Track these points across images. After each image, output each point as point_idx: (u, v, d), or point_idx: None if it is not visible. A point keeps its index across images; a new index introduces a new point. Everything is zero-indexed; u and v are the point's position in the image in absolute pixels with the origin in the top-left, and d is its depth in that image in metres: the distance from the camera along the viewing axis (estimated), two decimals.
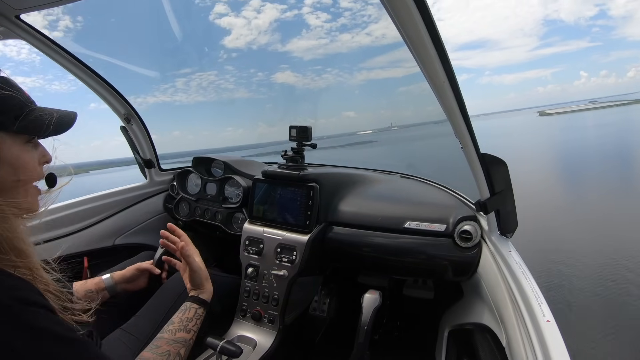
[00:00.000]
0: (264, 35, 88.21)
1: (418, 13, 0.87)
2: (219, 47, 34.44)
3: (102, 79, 2.15)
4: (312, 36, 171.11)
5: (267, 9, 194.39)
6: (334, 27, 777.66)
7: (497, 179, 1.43)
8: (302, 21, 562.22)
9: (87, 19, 2.04)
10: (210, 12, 56.20)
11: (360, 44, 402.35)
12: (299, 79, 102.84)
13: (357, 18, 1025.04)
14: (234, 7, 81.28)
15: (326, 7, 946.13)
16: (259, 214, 2.05)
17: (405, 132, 7.58)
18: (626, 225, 9.22)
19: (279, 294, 1.90)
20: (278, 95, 19.94)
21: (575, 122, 21.61)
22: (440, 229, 1.75)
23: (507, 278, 1.36)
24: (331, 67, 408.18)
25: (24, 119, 0.83)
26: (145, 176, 2.74)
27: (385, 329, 2.47)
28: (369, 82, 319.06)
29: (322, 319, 2.25)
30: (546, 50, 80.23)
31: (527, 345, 1.08)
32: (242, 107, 8.92)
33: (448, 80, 1.07)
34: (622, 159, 19.55)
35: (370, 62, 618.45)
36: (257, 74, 11.73)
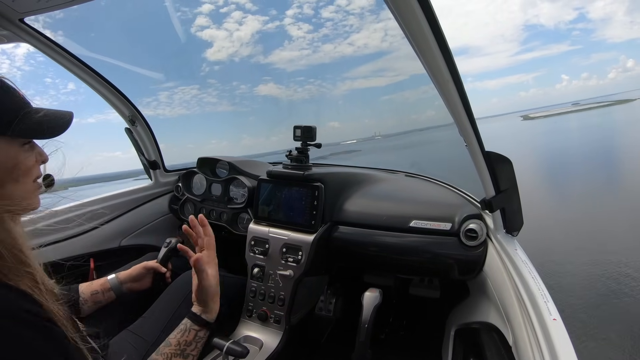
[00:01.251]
0: (246, 47, 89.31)
1: (422, 13, 0.87)
2: (201, 59, 34.46)
3: (107, 80, 2.16)
4: (295, 47, 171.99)
5: (248, 20, 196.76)
6: (316, 38, 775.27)
7: (502, 177, 1.43)
8: (284, 32, 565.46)
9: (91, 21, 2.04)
10: (192, 24, 56.42)
11: (342, 54, 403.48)
12: (282, 90, 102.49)
13: (339, 28, 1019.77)
14: (216, 20, 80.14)
15: (308, 18, 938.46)
16: (264, 214, 2.05)
17: (388, 142, 7.64)
18: (610, 223, 9.31)
19: (285, 294, 1.90)
20: (261, 107, 20.01)
21: (560, 125, 21.59)
22: (445, 227, 1.75)
23: (513, 276, 1.36)
24: (314, 77, 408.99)
25: (19, 123, 0.83)
26: (150, 177, 2.74)
27: (391, 328, 2.46)
28: (353, 92, 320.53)
29: (329, 319, 2.24)
30: (527, 55, 79.24)
31: (533, 344, 1.08)
32: (226, 120, 8.96)
33: (452, 79, 1.07)
34: (606, 158, 19.50)
35: (353, 72, 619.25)
36: (239, 86, 11.69)
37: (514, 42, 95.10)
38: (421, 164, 2.77)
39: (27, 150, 0.89)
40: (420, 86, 79.80)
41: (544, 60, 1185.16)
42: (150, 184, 2.74)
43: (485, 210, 1.67)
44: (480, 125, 1.27)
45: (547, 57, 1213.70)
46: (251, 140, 13.56)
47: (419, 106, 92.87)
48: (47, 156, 0.96)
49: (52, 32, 1.77)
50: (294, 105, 25.62)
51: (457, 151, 1.49)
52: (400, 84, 68.83)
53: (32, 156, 0.91)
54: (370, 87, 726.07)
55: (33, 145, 0.91)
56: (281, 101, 21.29)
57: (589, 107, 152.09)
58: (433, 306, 2.33)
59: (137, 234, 2.58)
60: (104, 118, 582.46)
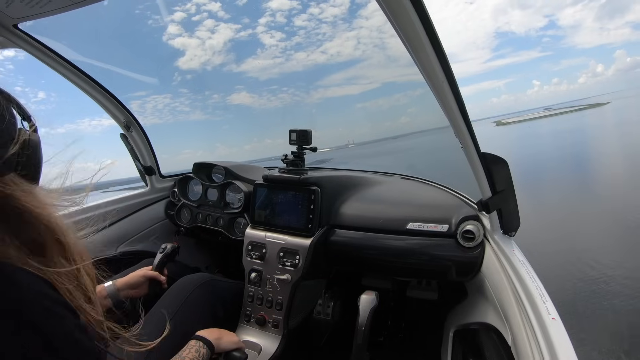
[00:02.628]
0: (219, 56, 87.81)
1: (416, 15, 0.87)
2: (173, 68, 34.36)
3: (101, 86, 2.15)
4: (267, 55, 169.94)
5: (221, 28, 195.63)
6: (289, 46, 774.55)
7: (498, 178, 1.43)
8: (256, 41, 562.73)
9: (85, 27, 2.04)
10: (164, 32, 56.10)
11: (316, 62, 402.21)
12: (255, 99, 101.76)
13: (312, 36, 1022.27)
14: (188, 28, 78.89)
15: (280, 26, 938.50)
16: (260, 218, 2.05)
17: (361, 149, 7.73)
18: (583, 225, 9.48)
19: (282, 298, 1.89)
20: (235, 116, 20.00)
21: (533, 130, 21.58)
22: (442, 229, 1.75)
23: (511, 277, 1.36)
24: (287, 86, 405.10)
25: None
26: (146, 183, 2.73)
27: (390, 330, 2.46)
28: (326, 100, 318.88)
29: (327, 323, 2.24)
30: (499, 61, 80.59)
31: (532, 343, 1.08)
32: (200, 129, 8.95)
33: (447, 81, 1.07)
34: (578, 164, 19.66)
35: (326, 80, 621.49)
36: (212, 95, 11.57)
37: (486, 49, 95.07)
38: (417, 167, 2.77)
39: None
40: (393, 94, 78.66)
41: (516, 67, 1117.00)
42: (146, 189, 2.73)
43: (482, 212, 1.67)
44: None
45: (518, 63, 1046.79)
46: (226, 149, 13.45)
47: (392, 113, 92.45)
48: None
49: (46, 38, 1.77)
50: (267, 114, 25.65)
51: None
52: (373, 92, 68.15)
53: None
54: (343, 95, 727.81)
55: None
56: (254, 110, 21.36)
57: (561, 112, 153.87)
58: (431, 308, 2.33)
59: (133, 240, 2.56)
60: (75, 128, 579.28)
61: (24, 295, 0.68)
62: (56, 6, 1.39)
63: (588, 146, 27.76)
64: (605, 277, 6.46)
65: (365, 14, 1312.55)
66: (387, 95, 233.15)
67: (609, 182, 14.66)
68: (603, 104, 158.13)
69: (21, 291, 0.69)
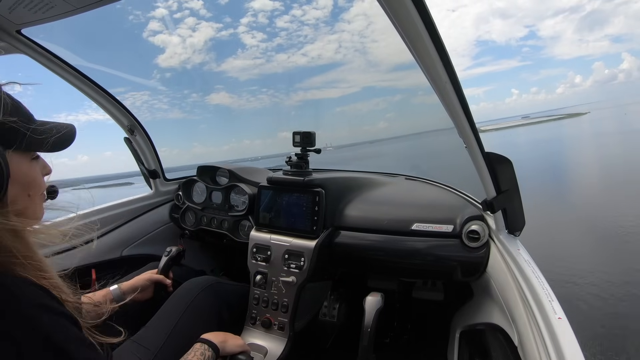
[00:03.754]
0: (199, 55, 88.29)
1: (419, 17, 0.87)
2: (153, 65, 34.30)
3: (105, 90, 2.16)
4: (248, 56, 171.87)
5: (202, 27, 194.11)
6: (270, 47, 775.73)
7: (503, 177, 1.43)
8: (237, 40, 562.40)
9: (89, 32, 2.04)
10: (144, 29, 55.58)
11: (296, 64, 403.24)
12: (234, 99, 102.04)
13: (293, 38, 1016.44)
14: (169, 25, 77.90)
15: (262, 27, 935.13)
16: (265, 221, 2.05)
17: (340, 152, 7.79)
18: (558, 234, 9.51)
19: (288, 300, 1.89)
20: (213, 116, 19.79)
21: (510, 139, 21.13)
22: (447, 229, 1.75)
23: (516, 276, 1.36)
24: (267, 87, 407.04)
25: (30, 137, 0.83)
26: (150, 187, 2.74)
27: (395, 332, 2.46)
28: (305, 102, 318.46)
29: (333, 325, 2.24)
30: (479, 69, 79.18)
31: (539, 343, 1.07)
32: (177, 127, 8.82)
33: (450, 81, 1.07)
34: (555, 171, 19.61)
35: (306, 83, 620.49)
36: (191, 94, 11.50)
37: (467, 56, 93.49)
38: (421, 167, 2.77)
39: (35, 163, 0.89)
40: (373, 99, 78.83)
41: (495, 75, 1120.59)
42: (150, 193, 2.74)
43: (486, 211, 1.67)
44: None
45: (498, 72, 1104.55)
46: (202, 148, 13.38)
47: (371, 118, 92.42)
48: (50, 168, 0.96)
49: (49, 43, 1.77)
50: (246, 115, 25.82)
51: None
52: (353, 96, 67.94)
53: (38, 169, 0.91)
54: (323, 98, 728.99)
55: (37, 158, 0.92)
56: (233, 110, 21.45)
57: (539, 121, 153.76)
58: (437, 309, 2.32)
59: (138, 243, 2.57)
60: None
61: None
62: (59, 11, 1.40)
63: (565, 156, 27.66)
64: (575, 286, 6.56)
65: (348, 17, 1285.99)
66: (366, 100, 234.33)
67: (584, 192, 14.73)
68: (581, 114, 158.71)
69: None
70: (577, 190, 15.30)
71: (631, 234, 8.96)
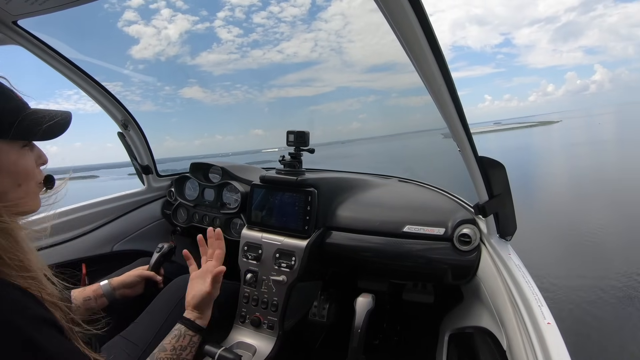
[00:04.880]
0: (173, 47, 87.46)
1: (417, 21, 0.87)
2: (126, 56, 33.86)
3: (99, 84, 2.15)
4: (223, 50, 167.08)
5: (178, 19, 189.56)
6: (246, 43, 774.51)
7: (496, 181, 1.43)
8: (213, 34, 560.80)
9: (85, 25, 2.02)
10: (119, 18, 55.64)
11: (271, 61, 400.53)
12: (208, 94, 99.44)
13: (270, 34, 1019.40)
14: (144, 15, 78.96)
15: (239, 22, 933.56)
16: (257, 219, 2.05)
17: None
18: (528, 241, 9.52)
19: (278, 299, 1.89)
20: (186, 110, 19.43)
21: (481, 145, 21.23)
22: (439, 232, 1.75)
23: (506, 281, 1.36)
24: (241, 83, 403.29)
25: (19, 125, 0.82)
26: (143, 182, 2.73)
27: (385, 333, 2.46)
28: (279, 100, 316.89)
29: (322, 325, 2.24)
30: (453, 74, 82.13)
31: (528, 348, 1.08)
32: (149, 120, 8.79)
33: (445, 84, 1.07)
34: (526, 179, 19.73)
35: (280, 80, 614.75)
36: (164, 87, 11.32)
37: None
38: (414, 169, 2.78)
39: (27, 152, 0.88)
40: (346, 99, 78.70)
41: (469, 80, 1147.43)
42: (142, 188, 2.73)
43: (478, 215, 1.68)
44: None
45: (472, 77, 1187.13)
46: (174, 142, 13.13)
47: (345, 118, 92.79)
48: (46, 158, 0.95)
49: (45, 35, 1.76)
50: (219, 110, 25.30)
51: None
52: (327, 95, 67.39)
53: (32, 158, 0.90)
54: (297, 96, 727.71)
55: (32, 147, 0.90)
56: (206, 105, 20.93)
57: (511, 127, 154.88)
58: (427, 311, 2.32)
59: (129, 239, 2.56)
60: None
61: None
62: (56, 3, 1.39)
63: (535, 165, 27.73)
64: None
65: (325, 16, 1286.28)
66: (340, 100, 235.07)
67: (553, 200, 14.85)
68: (553, 122, 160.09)
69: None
70: (547, 198, 15.42)
71: (597, 243, 9.21)
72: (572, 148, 38.47)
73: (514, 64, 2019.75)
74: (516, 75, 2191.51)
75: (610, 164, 23.96)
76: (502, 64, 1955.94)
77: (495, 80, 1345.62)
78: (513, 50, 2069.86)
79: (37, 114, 0.87)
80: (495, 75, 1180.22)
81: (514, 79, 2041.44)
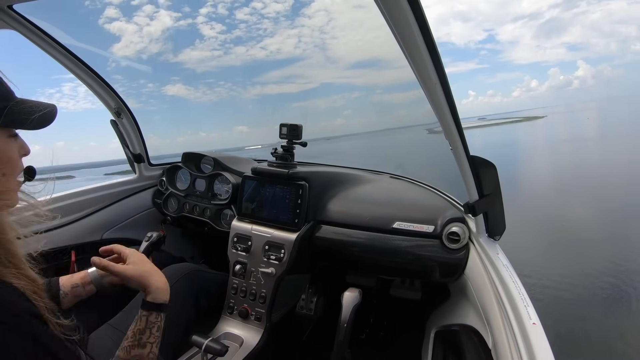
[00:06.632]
0: (156, 44, 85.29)
1: (412, 16, 0.87)
2: (108, 54, 33.52)
3: (93, 71, 2.13)
4: (206, 47, 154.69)
5: (160, 15, 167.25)
6: (229, 39, 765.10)
7: (486, 181, 1.44)
8: (195, 31, 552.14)
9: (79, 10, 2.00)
10: (100, 15, 54.47)
11: (254, 58, 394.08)
12: (191, 92, 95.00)
13: (253, 31, 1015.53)
14: (126, 12, 74.92)
15: (221, 18, 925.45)
16: (247, 211, 2.05)
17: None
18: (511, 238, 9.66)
19: (266, 291, 1.90)
20: (169, 107, 18.80)
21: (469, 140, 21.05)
22: (428, 230, 1.76)
23: (494, 280, 1.37)
24: (224, 80, 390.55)
25: (8, 113, 0.81)
26: (134, 171, 2.72)
27: (371, 328, 2.47)
28: (263, 96, 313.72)
29: (309, 318, 2.25)
30: None
31: (512, 347, 1.09)
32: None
33: (440, 82, 1.08)
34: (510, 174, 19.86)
35: (264, 77, 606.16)
36: (147, 85, 11.09)
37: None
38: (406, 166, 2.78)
39: (12, 142, 0.87)
40: (331, 95, 77.95)
41: (453, 76, 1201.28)
42: (134, 177, 2.71)
43: (468, 214, 1.69)
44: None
45: (455, 73, 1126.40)
46: (158, 140, 12.80)
47: (329, 115, 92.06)
48: (29, 148, 0.93)
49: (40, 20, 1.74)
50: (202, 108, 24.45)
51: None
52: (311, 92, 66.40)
53: (16, 148, 0.89)
54: (281, 92, 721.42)
55: (16, 137, 0.89)
56: (190, 102, 20.17)
57: (495, 123, 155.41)
58: (414, 307, 2.34)
59: (119, 227, 2.54)
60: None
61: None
62: None
63: (520, 160, 27.84)
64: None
65: (309, 12, 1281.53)
66: (324, 96, 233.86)
67: (537, 195, 14.97)
68: (538, 117, 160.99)
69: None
70: (532, 194, 15.52)
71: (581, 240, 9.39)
72: (558, 144, 38.70)
73: (497, 60, 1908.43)
74: (500, 71, 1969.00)
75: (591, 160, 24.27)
76: (485, 60, 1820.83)
77: (479, 76, 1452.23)
78: (497, 46, 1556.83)
79: (25, 103, 0.86)
80: (479, 71, 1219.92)
81: (498, 75, 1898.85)
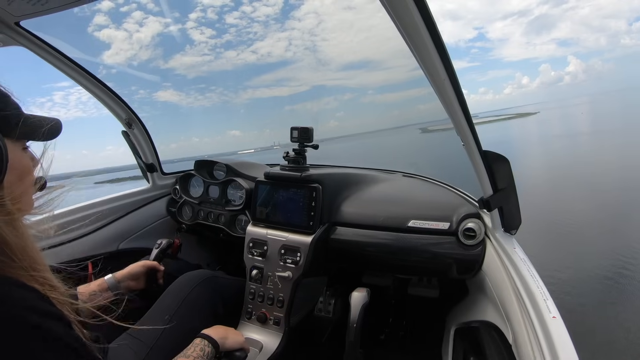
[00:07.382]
0: (146, 51, 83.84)
1: (418, 13, 0.86)
2: (98, 62, 33.83)
3: (103, 83, 2.15)
4: (196, 52, 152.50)
5: (149, 22, 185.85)
6: (219, 44, 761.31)
7: (500, 176, 1.43)
8: (186, 36, 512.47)
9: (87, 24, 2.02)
10: (90, 23, 54.59)
11: (245, 62, 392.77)
12: (182, 97, 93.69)
13: (243, 35, 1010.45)
14: (115, 19, 74.29)
15: (211, 23, 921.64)
16: (262, 215, 2.05)
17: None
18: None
19: (284, 295, 1.90)
20: (161, 113, 18.64)
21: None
22: (444, 227, 1.75)
23: (512, 275, 1.36)
24: (216, 85, 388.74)
25: (23, 126, 0.83)
26: (147, 180, 2.74)
27: (391, 328, 2.46)
28: (255, 100, 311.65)
29: (328, 320, 2.24)
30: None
31: (533, 342, 1.08)
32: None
33: (448, 78, 1.07)
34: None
35: (255, 81, 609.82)
36: (138, 91, 11.11)
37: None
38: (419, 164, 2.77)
39: (25, 153, 0.88)
40: (323, 97, 77.49)
41: None
42: (147, 187, 2.73)
43: (483, 210, 1.67)
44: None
45: None
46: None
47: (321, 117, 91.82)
48: (38, 160, 0.95)
49: (48, 36, 1.76)
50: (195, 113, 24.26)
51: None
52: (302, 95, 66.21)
53: (29, 159, 0.90)
54: (272, 96, 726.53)
55: (27, 149, 0.91)
56: (182, 108, 20.12)
57: (488, 120, 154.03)
58: (432, 305, 2.33)
59: (135, 237, 2.56)
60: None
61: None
62: (58, 4, 1.40)
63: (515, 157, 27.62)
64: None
65: (299, 15, 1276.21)
66: (316, 99, 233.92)
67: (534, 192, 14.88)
68: (531, 114, 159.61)
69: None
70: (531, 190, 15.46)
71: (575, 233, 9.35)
72: (551, 139, 38.40)
73: (488, 57, 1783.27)
74: (491, 69, 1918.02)
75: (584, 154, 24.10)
76: (476, 58, 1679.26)
77: (470, 74, 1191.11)
78: (487, 44, 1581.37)
79: (34, 117, 0.88)
80: (470, 69, 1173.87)
81: (489, 73, 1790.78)
